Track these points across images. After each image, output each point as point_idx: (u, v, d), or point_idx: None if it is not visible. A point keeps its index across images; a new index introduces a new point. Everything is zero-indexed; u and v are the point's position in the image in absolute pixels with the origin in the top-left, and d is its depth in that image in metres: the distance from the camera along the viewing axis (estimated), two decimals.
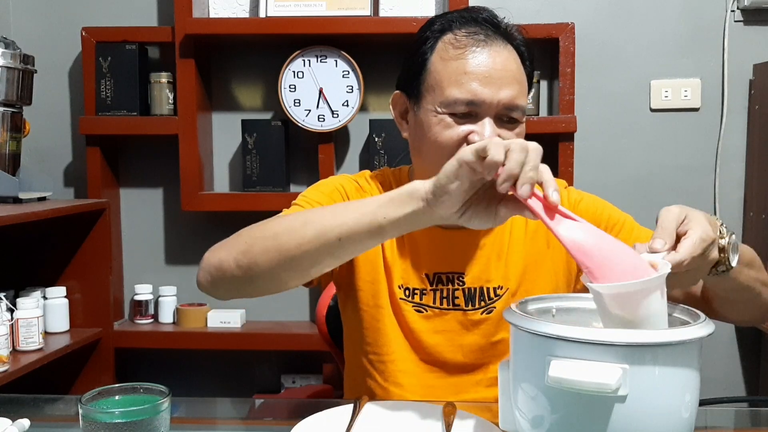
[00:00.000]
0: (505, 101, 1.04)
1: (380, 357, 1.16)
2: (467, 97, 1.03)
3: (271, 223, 0.96)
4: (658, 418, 0.70)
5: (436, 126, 1.05)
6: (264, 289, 0.97)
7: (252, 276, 0.95)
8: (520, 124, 1.08)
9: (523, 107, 1.06)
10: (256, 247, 0.93)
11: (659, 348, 0.69)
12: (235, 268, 0.95)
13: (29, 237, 2.06)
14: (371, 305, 1.15)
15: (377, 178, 1.20)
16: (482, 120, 1.04)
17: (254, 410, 1.18)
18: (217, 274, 0.98)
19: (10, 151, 1.94)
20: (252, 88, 2.26)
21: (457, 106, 1.04)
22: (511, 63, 1.06)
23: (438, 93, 1.05)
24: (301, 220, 0.93)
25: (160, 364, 2.29)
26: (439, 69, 1.06)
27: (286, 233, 0.92)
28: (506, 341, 1.12)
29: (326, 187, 1.16)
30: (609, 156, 2.21)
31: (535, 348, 0.73)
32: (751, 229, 2.18)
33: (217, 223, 2.27)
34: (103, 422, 0.75)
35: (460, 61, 1.04)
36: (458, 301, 1.14)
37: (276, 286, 0.97)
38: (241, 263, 0.94)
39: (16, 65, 1.91)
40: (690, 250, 0.82)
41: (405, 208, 0.87)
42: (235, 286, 0.98)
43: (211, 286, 1.00)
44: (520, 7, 2.20)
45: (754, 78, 2.18)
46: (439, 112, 1.05)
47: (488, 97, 1.03)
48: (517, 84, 1.06)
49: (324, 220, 0.91)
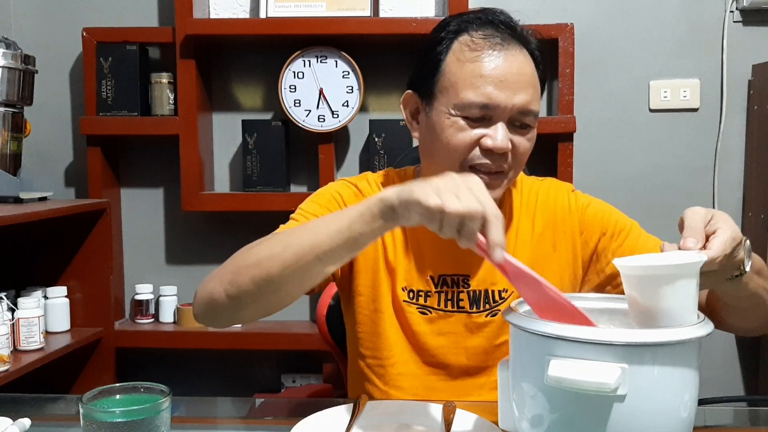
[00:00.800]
0: (520, 106, 1.03)
1: (380, 362, 1.16)
2: (482, 101, 1.02)
3: (255, 249, 0.97)
4: (657, 418, 0.70)
5: (449, 128, 1.04)
6: (257, 315, 0.98)
7: (242, 304, 0.96)
8: (532, 129, 1.07)
9: (536, 112, 1.06)
10: (243, 276, 0.94)
11: (658, 347, 0.70)
12: (226, 299, 0.96)
13: (30, 237, 2.07)
14: (371, 310, 1.15)
15: (380, 179, 1.19)
16: (495, 124, 1.03)
17: (254, 410, 1.18)
18: (209, 307, 0.99)
19: (11, 151, 1.94)
20: (252, 88, 2.27)
21: (472, 109, 1.03)
22: (527, 67, 1.05)
23: (452, 95, 1.04)
24: (281, 245, 0.93)
25: (160, 364, 2.30)
26: (454, 70, 1.05)
27: (268, 260, 0.92)
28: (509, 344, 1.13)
29: (322, 197, 1.15)
30: (608, 156, 2.21)
31: (535, 347, 0.73)
32: (750, 229, 2.18)
33: (218, 223, 2.28)
34: (104, 422, 0.75)
35: (476, 63, 1.03)
36: (463, 304, 1.13)
37: (268, 309, 0.97)
38: (231, 293, 0.95)
39: (17, 65, 1.91)
40: (722, 248, 0.82)
41: (374, 222, 0.87)
42: (228, 315, 0.99)
43: (206, 317, 1.01)
44: (520, 7, 2.19)
45: (753, 78, 2.18)
46: (453, 115, 1.04)
47: (503, 102, 1.02)
48: (532, 89, 1.05)
49: (302, 242, 0.91)
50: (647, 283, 0.75)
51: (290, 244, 0.92)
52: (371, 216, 0.87)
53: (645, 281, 0.76)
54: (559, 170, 2.07)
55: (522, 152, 1.07)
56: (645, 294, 0.76)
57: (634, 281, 0.77)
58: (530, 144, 1.08)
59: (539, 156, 2.13)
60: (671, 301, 0.75)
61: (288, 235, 0.95)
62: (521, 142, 1.06)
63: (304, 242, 0.90)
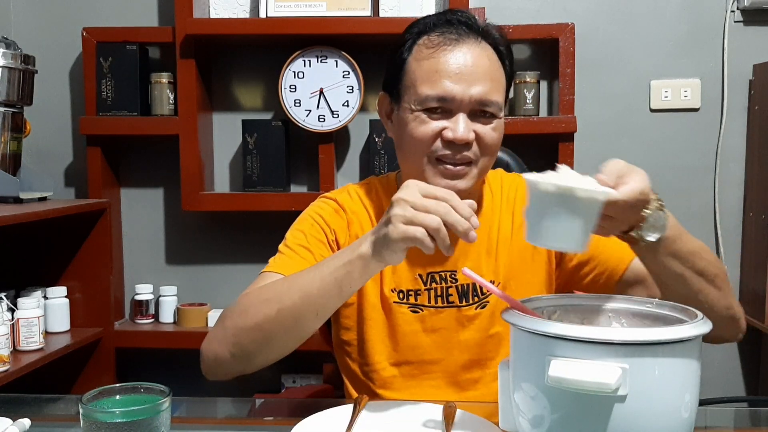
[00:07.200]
0: (477, 97, 1.07)
1: (371, 366, 1.17)
2: (438, 93, 1.07)
3: (252, 311, 1.01)
4: (657, 418, 0.70)
5: (412, 122, 1.09)
6: (266, 364, 1.05)
7: (250, 361, 1.04)
8: (496, 119, 1.10)
9: (497, 102, 1.09)
10: (244, 338, 1.02)
11: (659, 347, 0.70)
12: (232, 359, 1.04)
13: (30, 237, 2.06)
14: (358, 318, 1.18)
15: (363, 189, 1.23)
16: (456, 116, 1.07)
17: (254, 410, 1.18)
18: (219, 368, 1.07)
19: (11, 151, 1.94)
20: (252, 88, 2.26)
21: (429, 102, 1.07)
22: (483, 60, 1.09)
23: (413, 92, 1.09)
24: (276, 306, 0.99)
25: (160, 364, 2.29)
26: (414, 69, 1.10)
27: (267, 322, 0.99)
28: (500, 334, 1.15)
29: (304, 223, 1.19)
30: (609, 156, 2.15)
31: (535, 347, 0.73)
32: (750, 229, 2.18)
33: (218, 223, 2.28)
34: (104, 422, 0.75)
35: (431, 59, 1.08)
36: (452, 299, 1.15)
37: (276, 357, 1.04)
38: (236, 355, 1.03)
39: (17, 65, 1.91)
40: (627, 193, 0.85)
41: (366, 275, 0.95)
42: (238, 370, 1.06)
43: (216, 375, 1.09)
44: (520, 7, 2.20)
45: (753, 78, 2.18)
46: (414, 110, 1.09)
47: (459, 93, 1.06)
48: (489, 80, 1.08)
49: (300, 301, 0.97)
50: (549, 198, 0.79)
51: (285, 306, 0.98)
52: (360, 273, 0.94)
53: (548, 197, 0.79)
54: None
55: (488, 142, 1.10)
56: (544, 208, 0.80)
57: (536, 193, 0.80)
58: (497, 133, 1.11)
59: (540, 156, 2.14)
60: (565, 223, 0.79)
61: (281, 294, 1.00)
62: (485, 131, 1.09)
63: (298, 303, 0.97)
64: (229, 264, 2.29)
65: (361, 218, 1.18)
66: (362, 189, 1.22)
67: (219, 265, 2.30)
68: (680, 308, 0.81)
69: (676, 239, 0.93)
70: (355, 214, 1.18)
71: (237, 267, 2.29)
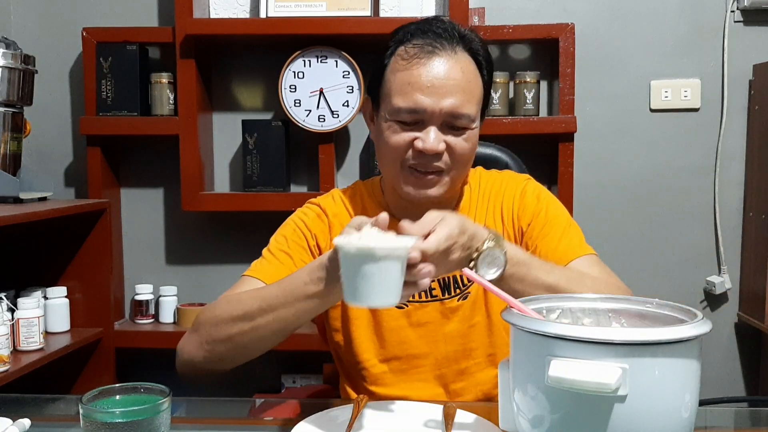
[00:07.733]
0: (448, 109, 1.09)
1: (361, 364, 1.20)
2: (409, 106, 1.09)
3: (222, 327, 1.05)
4: (657, 418, 0.70)
5: (387, 131, 1.13)
6: (238, 364, 1.09)
7: (222, 365, 1.09)
8: (468, 131, 1.11)
9: (469, 115, 1.10)
10: (217, 348, 1.06)
11: (659, 347, 0.70)
12: (204, 362, 1.08)
13: (30, 237, 2.06)
14: (345, 319, 1.20)
15: (347, 193, 1.26)
16: (427, 128, 1.10)
17: (255, 410, 1.18)
18: (192, 370, 1.11)
19: (11, 151, 1.94)
20: (252, 88, 2.26)
21: (402, 114, 1.10)
22: (456, 72, 1.10)
23: (387, 102, 1.13)
24: (248, 325, 1.02)
25: (160, 364, 2.28)
26: (389, 79, 1.13)
27: (240, 335, 1.03)
28: (482, 323, 1.18)
29: (287, 228, 1.22)
30: (609, 156, 2.20)
31: (535, 348, 0.73)
32: (750, 230, 2.18)
33: (218, 223, 2.28)
34: (104, 422, 0.75)
35: (405, 72, 1.10)
36: (435, 292, 1.18)
37: (250, 359, 1.08)
38: (210, 359, 1.08)
39: (17, 65, 1.91)
40: (433, 243, 0.89)
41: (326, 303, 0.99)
42: (213, 371, 1.11)
43: (191, 376, 1.12)
44: (520, 7, 2.20)
45: (753, 78, 2.18)
46: (389, 119, 1.12)
47: (430, 106, 1.08)
48: (461, 93, 1.09)
49: (269, 321, 1.00)
50: (354, 259, 0.84)
51: (258, 324, 1.01)
52: (328, 303, 0.99)
53: (353, 258, 0.84)
54: (559, 170, 2.07)
55: (460, 153, 1.12)
56: (353, 269, 0.84)
57: (343, 256, 0.86)
58: (469, 144, 1.12)
59: (540, 156, 2.15)
60: (373, 279, 0.83)
61: (253, 314, 1.02)
62: (457, 143, 1.11)
63: (271, 321, 1.00)
64: (229, 264, 2.29)
65: (343, 222, 1.21)
66: (347, 193, 1.26)
67: (219, 265, 2.30)
68: (680, 308, 0.81)
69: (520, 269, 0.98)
70: (337, 218, 1.22)
71: (237, 267, 2.28)
